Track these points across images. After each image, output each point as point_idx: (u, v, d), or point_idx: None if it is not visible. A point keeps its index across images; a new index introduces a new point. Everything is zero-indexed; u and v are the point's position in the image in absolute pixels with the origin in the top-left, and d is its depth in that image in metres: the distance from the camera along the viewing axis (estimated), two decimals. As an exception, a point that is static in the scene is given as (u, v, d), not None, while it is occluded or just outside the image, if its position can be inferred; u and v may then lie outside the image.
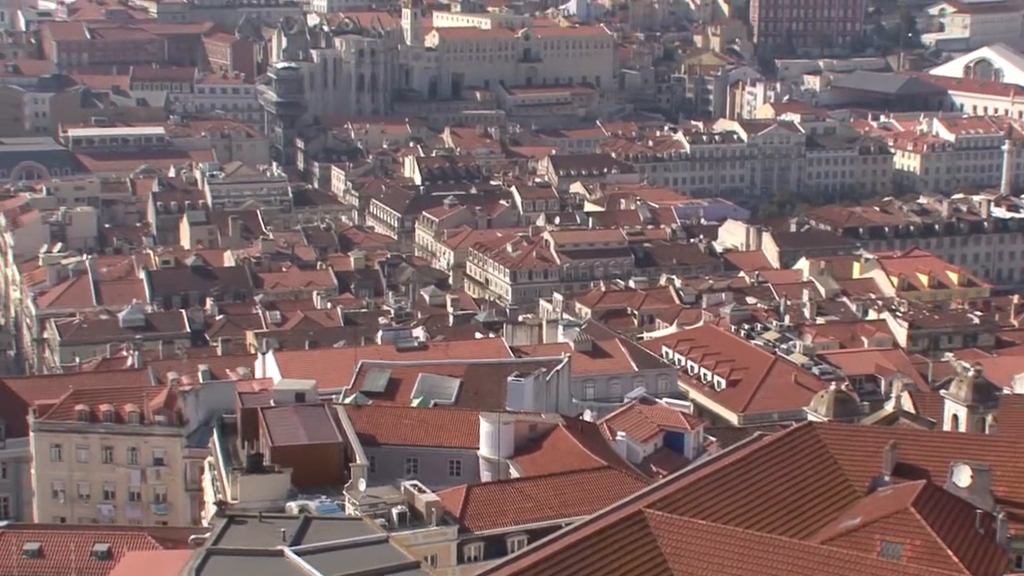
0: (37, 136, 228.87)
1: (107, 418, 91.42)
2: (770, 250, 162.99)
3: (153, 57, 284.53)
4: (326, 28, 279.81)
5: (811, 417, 75.92)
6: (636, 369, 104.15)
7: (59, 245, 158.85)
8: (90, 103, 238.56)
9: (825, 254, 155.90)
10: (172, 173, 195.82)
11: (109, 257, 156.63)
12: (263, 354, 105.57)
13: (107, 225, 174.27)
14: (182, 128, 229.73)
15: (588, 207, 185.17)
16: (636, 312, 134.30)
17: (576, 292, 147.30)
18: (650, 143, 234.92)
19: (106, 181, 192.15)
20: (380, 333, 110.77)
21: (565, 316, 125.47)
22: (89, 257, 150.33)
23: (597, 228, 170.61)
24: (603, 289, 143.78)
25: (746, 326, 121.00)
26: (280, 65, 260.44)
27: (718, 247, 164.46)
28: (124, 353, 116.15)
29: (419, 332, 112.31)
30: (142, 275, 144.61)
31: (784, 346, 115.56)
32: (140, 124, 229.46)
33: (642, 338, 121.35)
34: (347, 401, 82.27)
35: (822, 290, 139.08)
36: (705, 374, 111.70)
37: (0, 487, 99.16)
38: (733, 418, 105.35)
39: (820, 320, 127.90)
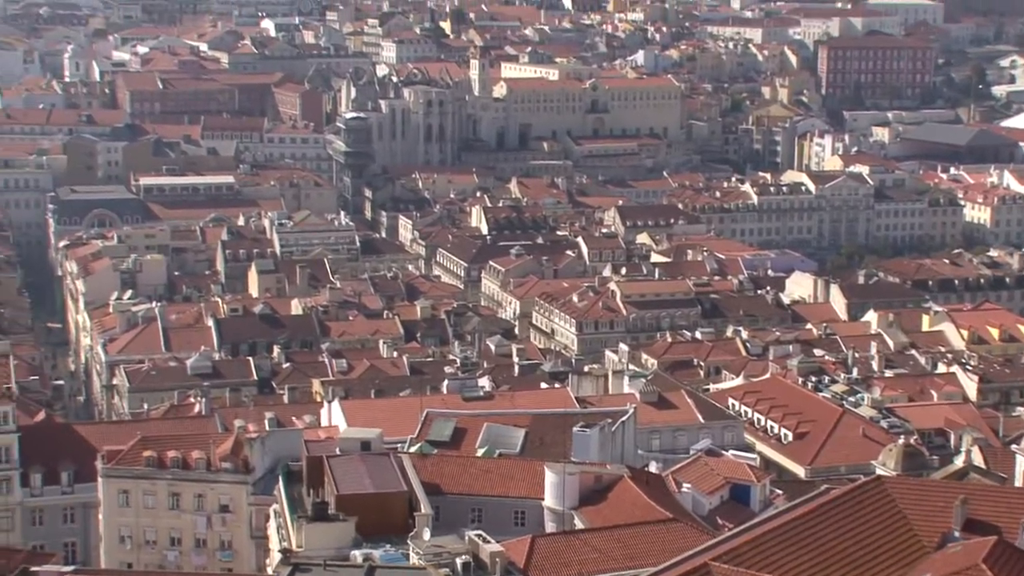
0: (109, 185, 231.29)
1: (174, 465, 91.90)
2: (838, 302, 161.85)
3: (224, 107, 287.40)
4: (395, 79, 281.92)
5: (879, 471, 75.23)
6: (702, 421, 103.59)
7: (129, 292, 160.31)
8: (162, 152, 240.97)
9: (894, 306, 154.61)
10: (241, 221, 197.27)
11: (178, 304, 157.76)
12: (329, 402, 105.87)
13: (176, 273, 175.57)
14: (251, 177, 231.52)
15: (655, 258, 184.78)
16: (702, 363, 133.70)
17: (642, 343, 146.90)
18: (717, 194, 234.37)
19: (176, 229, 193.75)
20: (446, 382, 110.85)
21: (631, 367, 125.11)
22: (158, 304, 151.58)
23: (663, 279, 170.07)
24: (669, 340, 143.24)
25: (813, 378, 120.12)
26: (349, 115, 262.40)
27: (785, 299, 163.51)
28: (192, 400, 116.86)
29: (485, 382, 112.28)
30: (210, 323, 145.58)
31: (852, 399, 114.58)
32: (210, 173, 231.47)
33: (708, 389, 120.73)
34: (412, 450, 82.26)
35: (891, 343, 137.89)
36: (772, 426, 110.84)
37: (68, 532, 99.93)
38: (800, 471, 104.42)
39: (889, 373, 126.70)
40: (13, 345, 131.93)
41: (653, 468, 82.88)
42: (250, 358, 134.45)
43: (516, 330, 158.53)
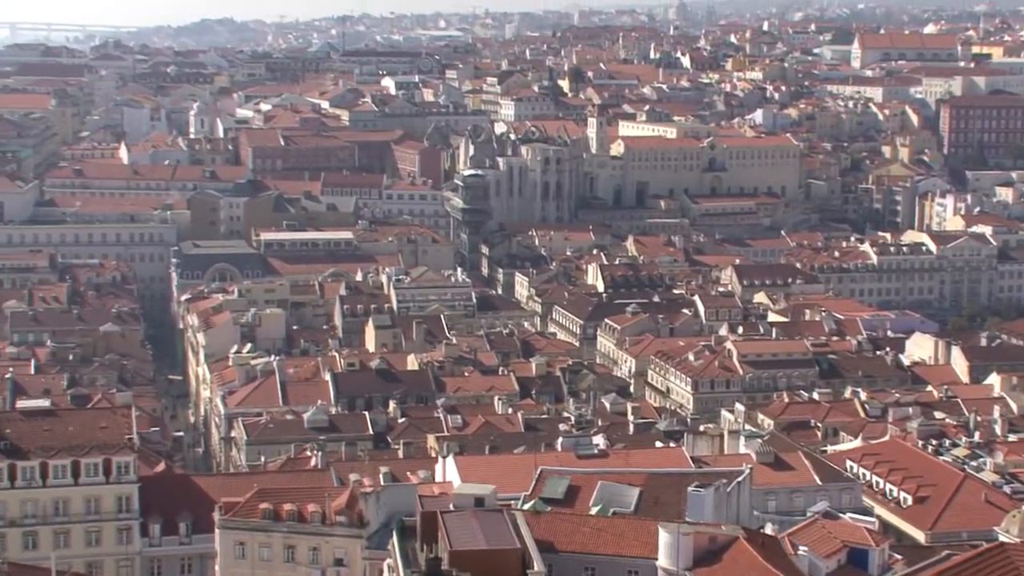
0: (231, 239, 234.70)
1: (290, 517, 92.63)
2: (959, 364, 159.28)
3: (344, 163, 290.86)
4: (513, 136, 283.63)
5: (1002, 538, 73.65)
6: (819, 483, 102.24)
7: (249, 346, 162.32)
8: (282, 208, 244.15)
9: (1017, 369, 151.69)
10: (359, 277, 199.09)
11: (296, 358, 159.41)
12: (444, 458, 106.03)
13: (295, 327, 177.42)
14: (370, 233, 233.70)
15: (772, 317, 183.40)
16: (820, 424, 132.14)
17: (759, 403, 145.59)
18: (836, 253, 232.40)
19: (295, 284, 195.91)
20: (560, 439, 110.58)
21: (747, 427, 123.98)
22: (277, 358, 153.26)
23: (781, 338, 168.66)
24: (786, 400, 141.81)
25: (934, 441, 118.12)
26: (467, 172, 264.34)
27: (905, 360, 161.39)
28: (308, 453, 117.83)
29: (599, 440, 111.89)
30: (327, 377, 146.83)
31: (974, 463, 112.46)
32: (329, 228, 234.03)
33: (826, 451, 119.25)
34: (526, 507, 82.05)
35: (1014, 406, 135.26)
36: (891, 490, 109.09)
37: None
38: (920, 536, 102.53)
39: (1012, 437, 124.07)
40: (135, 397, 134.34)
41: (769, 530, 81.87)
42: (366, 412, 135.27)
43: (631, 388, 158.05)
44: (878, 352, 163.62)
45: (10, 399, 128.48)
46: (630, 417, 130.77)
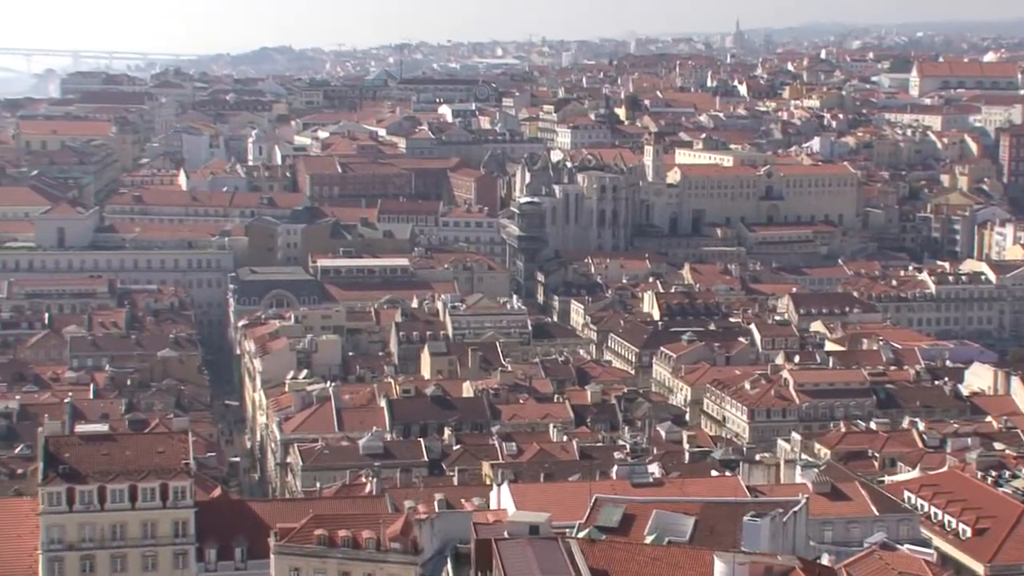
0: (288, 266, 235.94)
1: (345, 544, 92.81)
2: (1019, 395, 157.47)
3: (401, 191, 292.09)
4: (569, 164, 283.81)
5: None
6: (876, 513, 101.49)
7: (305, 372, 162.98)
8: (339, 234, 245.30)
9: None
10: (415, 304, 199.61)
11: (352, 385, 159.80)
12: (498, 485, 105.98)
13: (351, 353, 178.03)
14: (426, 260, 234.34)
15: (829, 346, 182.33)
16: (877, 455, 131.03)
17: (815, 432, 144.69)
18: (894, 283, 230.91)
19: (351, 310, 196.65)
20: (615, 468, 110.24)
21: (803, 456, 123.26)
22: (333, 384, 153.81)
23: (838, 368, 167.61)
24: (843, 430, 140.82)
25: (993, 473, 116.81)
26: (523, 200, 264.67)
27: (964, 390, 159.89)
28: (363, 480, 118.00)
29: (654, 468, 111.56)
30: (383, 403, 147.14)
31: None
32: (386, 255, 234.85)
33: (883, 481, 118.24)
34: (580, 535, 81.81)
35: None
36: (949, 521, 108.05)
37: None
38: (979, 569, 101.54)
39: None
40: (192, 422, 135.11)
41: (825, 560, 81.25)
42: (421, 439, 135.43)
43: (687, 416, 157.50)
44: (936, 382, 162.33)
45: (69, 423, 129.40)
46: (685, 446, 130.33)
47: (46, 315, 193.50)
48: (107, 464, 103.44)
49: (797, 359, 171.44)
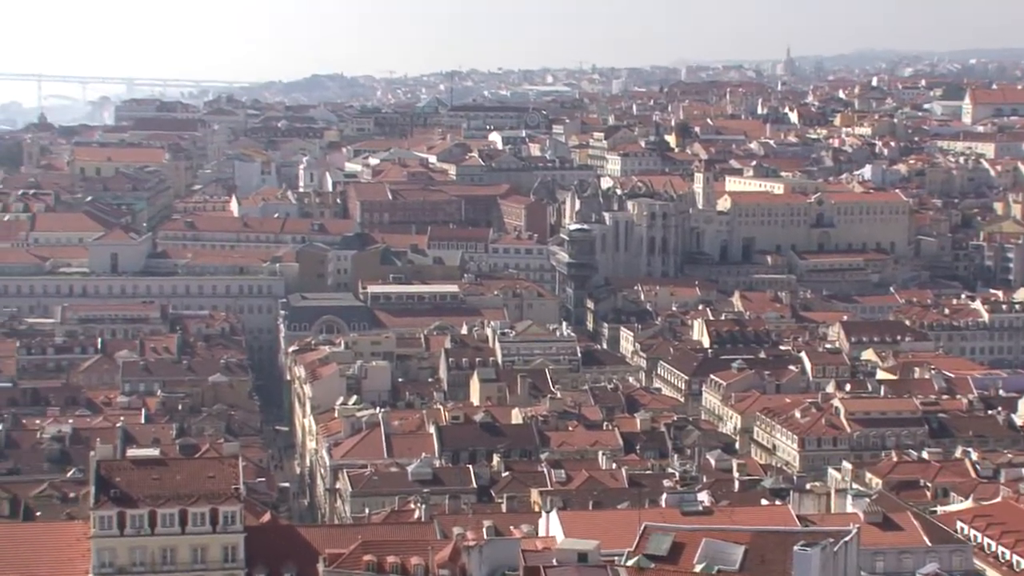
0: (338, 292, 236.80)
1: (393, 570, 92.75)
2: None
3: (451, 217, 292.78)
4: (619, 191, 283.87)
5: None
6: (929, 544, 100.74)
7: (354, 398, 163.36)
8: (389, 261, 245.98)
9: None
10: (464, 330, 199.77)
11: (401, 411, 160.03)
12: (547, 512, 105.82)
13: (400, 379, 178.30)
14: (475, 287, 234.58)
15: (880, 375, 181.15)
16: (929, 484, 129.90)
17: (866, 461, 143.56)
18: (946, 311, 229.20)
19: (401, 336, 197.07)
20: (664, 496, 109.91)
21: (855, 486, 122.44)
22: (382, 410, 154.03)
23: (889, 396, 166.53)
24: (895, 459, 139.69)
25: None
26: (573, 227, 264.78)
27: (1017, 420, 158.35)
28: (412, 506, 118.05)
29: (704, 496, 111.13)
30: (432, 430, 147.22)
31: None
32: (435, 282, 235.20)
33: (935, 511, 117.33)
34: (629, 563, 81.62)
35: None
36: (1003, 552, 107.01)
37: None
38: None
39: None
40: (242, 447, 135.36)
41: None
42: (470, 466, 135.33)
43: (737, 445, 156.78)
44: (989, 411, 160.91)
45: (121, 448, 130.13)
46: (735, 474, 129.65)
47: (99, 340, 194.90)
48: (158, 488, 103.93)
49: (848, 387, 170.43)
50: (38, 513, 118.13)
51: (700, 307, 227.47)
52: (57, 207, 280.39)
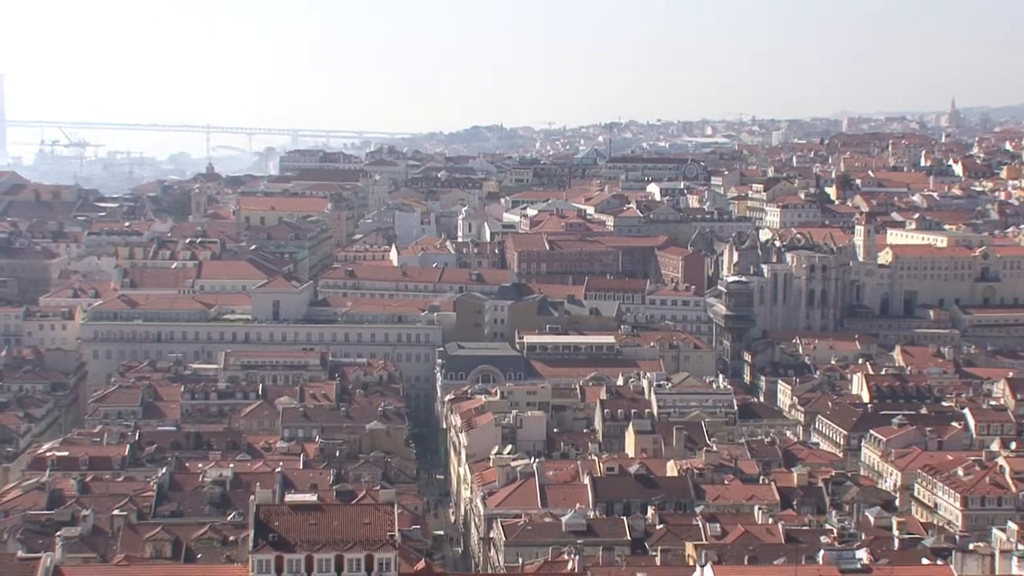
0: (495, 341, 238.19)
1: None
2: None
3: (608, 268, 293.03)
4: (778, 243, 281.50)
5: None
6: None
7: (509, 447, 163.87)
8: (546, 311, 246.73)
9: None
10: (620, 381, 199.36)
11: (555, 461, 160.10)
12: (702, 566, 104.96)
13: (556, 429, 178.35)
14: (632, 338, 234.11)
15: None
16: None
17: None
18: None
19: (557, 387, 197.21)
20: (822, 552, 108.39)
21: (1020, 547, 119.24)
22: (537, 460, 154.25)
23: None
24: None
25: None
26: (731, 279, 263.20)
27: None
28: (565, 557, 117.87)
29: (862, 554, 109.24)
30: (586, 480, 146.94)
31: None
32: (592, 333, 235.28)
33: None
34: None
35: None
36: None
37: None
38: None
39: None
40: (398, 494, 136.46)
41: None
42: (624, 518, 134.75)
43: (897, 502, 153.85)
44: None
45: (279, 492, 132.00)
46: (895, 532, 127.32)
47: (260, 386, 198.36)
48: (315, 534, 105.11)
49: (1014, 446, 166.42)
50: (199, 555, 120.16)
51: (860, 361, 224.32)
52: (222, 255, 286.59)
